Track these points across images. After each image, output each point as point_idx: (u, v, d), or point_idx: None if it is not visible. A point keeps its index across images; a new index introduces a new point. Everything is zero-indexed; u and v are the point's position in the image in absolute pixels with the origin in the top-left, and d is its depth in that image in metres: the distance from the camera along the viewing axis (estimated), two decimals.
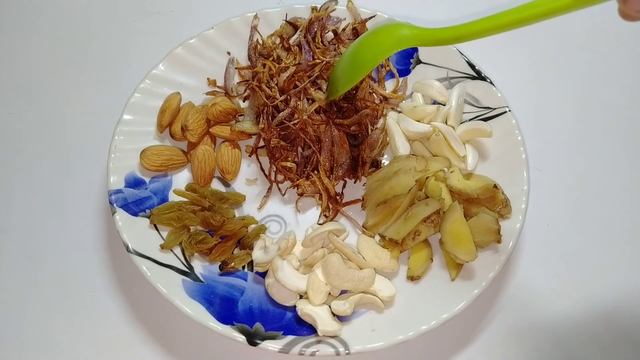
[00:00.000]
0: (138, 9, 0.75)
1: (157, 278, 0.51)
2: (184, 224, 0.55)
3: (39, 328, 0.56)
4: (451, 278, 0.53)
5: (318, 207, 0.59)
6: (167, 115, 0.59)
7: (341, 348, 0.49)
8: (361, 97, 0.61)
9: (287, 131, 0.59)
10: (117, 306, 0.57)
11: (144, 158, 0.57)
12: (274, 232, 0.58)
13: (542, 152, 0.64)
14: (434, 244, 0.56)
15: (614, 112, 0.69)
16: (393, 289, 0.53)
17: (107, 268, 0.58)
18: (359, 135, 0.61)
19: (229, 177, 0.60)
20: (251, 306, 0.52)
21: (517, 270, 0.59)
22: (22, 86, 0.69)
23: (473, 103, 0.62)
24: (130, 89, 0.60)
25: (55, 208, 0.62)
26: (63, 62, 0.71)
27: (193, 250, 0.54)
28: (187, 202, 0.56)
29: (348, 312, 0.51)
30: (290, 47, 0.62)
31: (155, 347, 0.55)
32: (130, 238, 0.53)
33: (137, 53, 0.71)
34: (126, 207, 0.55)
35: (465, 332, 0.56)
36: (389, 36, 0.50)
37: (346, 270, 0.52)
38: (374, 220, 0.57)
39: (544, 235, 0.61)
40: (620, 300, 0.58)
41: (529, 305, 0.57)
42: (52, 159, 0.65)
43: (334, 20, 0.65)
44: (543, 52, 0.73)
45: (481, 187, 0.55)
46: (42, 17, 0.74)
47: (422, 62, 0.65)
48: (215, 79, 0.64)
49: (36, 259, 0.59)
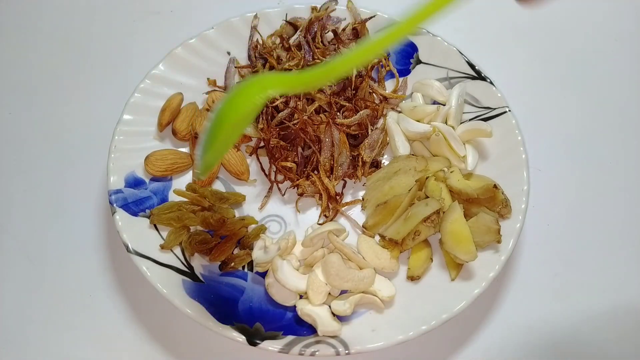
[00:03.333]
0: (138, 9, 0.75)
1: (157, 278, 0.51)
2: (184, 224, 0.55)
3: (39, 328, 0.56)
4: (451, 278, 0.53)
5: (318, 207, 0.59)
6: (167, 114, 0.59)
7: (341, 348, 0.49)
8: (361, 97, 0.61)
9: (287, 131, 0.59)
10: (117, 306, 0.57)
11: (148, 164, 0.57)
12: (274, 232, 0.58)
13: (542, 152, 0.64)
14: (434, 244, 0.56)
15: (614, 112, 0.69)
16: (393, 289, 0.53)
17: (107, 268, 0.58)
18: (359, 135, 0.61)
19: (245, 176, 0.60)
20: (251, 306, 0.52)
21: (517, 270, 0.59)
22: (22, 86, 0.69)
23: (473, 103, 0.62)
24: (130, 89, 0.60)
25: (55, 208, 0.62)
26: (63, 62, 0.71)
27: (193, 250, 0.54)
28: (187, 202, 0.56)
29: (348, 312, 0.51)
30: (290, 47, 0.62)
31: (155, 347, 0.55)
32: (130, 238, 0.53)
33: (137, 53, 0.71)
34: (126, 207, 0.55)
35: (465, 332, 0.56)
36: (250, 90, 0.42)
37: (346, 270, 0.52)
38: (374, 220, 0.57)
39: (544, 235, 0.61)
40: (620, 301, 0.58)
41: (529, 305, 0.57)
42: (52, 159, 0.65)
43: (334, 20, 0.65)
44: (543, 52, 0.73)
45: (481, 187, 0.55)
46: (42, 17, 0.74)
47: (422, 62, 0.65)
48: (215, 79, 0.64)
49: (36, 259, 0.59)
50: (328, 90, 0.59)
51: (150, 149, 0.58)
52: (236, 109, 0.42)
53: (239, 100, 0.42)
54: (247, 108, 0.42)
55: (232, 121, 0.43)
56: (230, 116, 0.43)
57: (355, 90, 0.61)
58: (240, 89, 0.42)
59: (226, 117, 0.43)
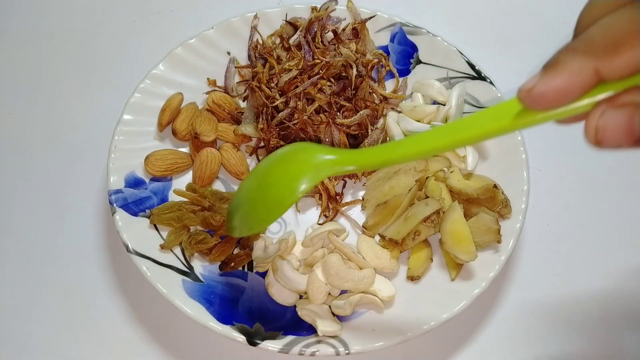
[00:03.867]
0: (138, 9, 0.75)
1: (157, 278, 0.51)
2: (184, 224, 0.55)
3: (39, 328, 0.56)
4: (451, 278, 0.53)
5: (318, 207, 0.59)
6: (167, 114, 0.59)
7: (341, 348, 0.49)
8: (361, 97, 0.61)
9: (287, 131, 0.59)
10: (117, 306, 0.57)
11: (148, 164, 0.57)
12: (274, 232, 0.58)
13: (542, 152, 0.64)
14: (434, 244, 0.56)
15: None
16: (393, 289, 0.53)
17: (107, 268, 0.58)
18: (359, 135, 0.61)
19: (245, 176, 0.60)
20: (251, 306, 0.52)
21: (517, 270, 0.59)
22: (22, 86, 0.69)
23: (473, 103, 0.62)
24: (130, 89, 0.60)
25: (55, 208, 0.62)
26: (63, 62, 0.71)
27: (193, 250, 0.54)
28: (187, 202, 0.56)
29: (348, 312, 0.51)
30: (290, 47, 0.62)
31: (155, 347, 0.55)
32: (130, 238, 0.53)
33: (137, 53, 0.71)
34: (126, 207, 0.55)
35: (465, 332, 0.56)
36: (304, 166, 0.39)
37: (346, 270, 0.52)
38: (374, 220, 0.57)
39: (544, 235, 0.61)
40: (620, 300, 0.58)
41: (528, 305, 0.57)
42: (52, 159, 0.65)
43: (334, 20, 0.65)
44: (543, 52, 0.73)
45: (481, 187, 0.55)
46: (43, 17, 0.74)
47: (422, 62, 0.65)
48: (215, 79, 0.64)
49: (36, 259, 0.59)
50: (328, 90, 0.59)
51: (150, 149, 0.58)
52: (287, 174, 0.39)
53: (291, 162, 0.39)
54: (302, 174, 0.38)
55: (282, 186, 0.38)
56: (280, 181, 0.38)
57: (355, 90, 0.61)
58: (291, 153, 0.38)
59: (275, 180, 0.39)
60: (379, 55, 0.65)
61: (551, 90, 0.26)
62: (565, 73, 0.26)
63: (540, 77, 0.27)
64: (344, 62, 0.60)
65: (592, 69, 0.26)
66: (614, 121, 0.26)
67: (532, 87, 0.27)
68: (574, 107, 0.27)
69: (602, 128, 0.26)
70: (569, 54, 0.26)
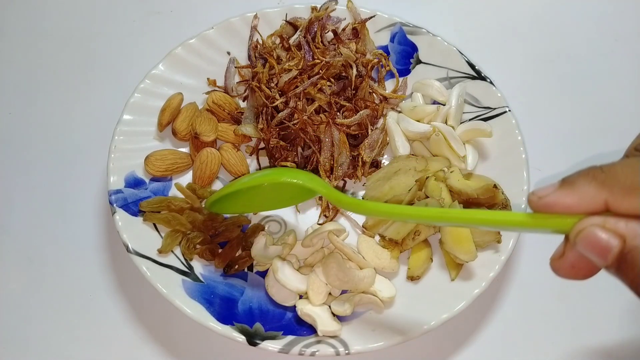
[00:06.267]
0: (138, 9, 0.75)
1: (157, 278, 0.51)
2: (175, 229, 0.54)
3: (38, 328, 0.56)
4: (451, 278, 0.53)
5: (318, 207, 0.59)
6: (167, 114, 0.59)
7: (341, 348, 0.49)
8: (361, 97, 0.61)
9: (287, 131, 0.59)
10: (117, 306, 0.57)
11: (148, 164, 0.57)
12: (274, 232, 0.58)
13: (542, 152, 0.64)
14: (434, 244, 0.56)
15: (614, 112, 0.69)
16: (393, 289, 0.53)
17: (107, 268, 0.58)
18: (359, 135, 0.61)
19: None
20: (251, 306, 0.52)
21: (517, 270, 0.59)
22: (22, 86, 0.69)
23: (473, 103, 0.62)
24: (130, 89, 0.60)
25: (55, 208, 0.62)
26: (63, 62, 0.71)
27: (192, 255, 0.54)
28: (177, 198, 0.56)
29: (348, 312, 0.51)
30: (290, 47, 0.62)
31: (155, 347, 0.55)
32: (130, 238, 0.53)
33: (137, 53, 0.71)
34: (126, 207, 0.55)
35: (465, 332, 0.56)
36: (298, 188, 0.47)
37: (346, 270, 0.52)
38: (374, 220, 0.57)
39: (544, 235, 0.61)
40: (620, 300, 0.58)
41: (529, 305, 0.57)
42: (52, 159, 0.65)
43: (334, 20, 0.65)
44: (543, 52, 0.73)
45: (481, 187, 0.55)
46: (43, 17, 0.74)
47: (422, 62, 0.65)
48: (215, 79, 0.64)
49: (36, 259, 0.59)
50: (328, 90, 0.59)
51: (150, 149, 0.58)
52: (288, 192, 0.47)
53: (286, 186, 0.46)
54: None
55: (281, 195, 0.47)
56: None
57: (355, 90, 0.61)
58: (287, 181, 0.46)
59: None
60: (379, 55, 0.65)
61: (559, 205, 0.29)
62: (577, 195, 0.29)
63: (555, 190, 0.30)
64: (344, 62, 0.60)
65: (603, 200, 0.28)
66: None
67: (544, 196, 0.30)
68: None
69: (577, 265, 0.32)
70: (588, 179, 0.29)
